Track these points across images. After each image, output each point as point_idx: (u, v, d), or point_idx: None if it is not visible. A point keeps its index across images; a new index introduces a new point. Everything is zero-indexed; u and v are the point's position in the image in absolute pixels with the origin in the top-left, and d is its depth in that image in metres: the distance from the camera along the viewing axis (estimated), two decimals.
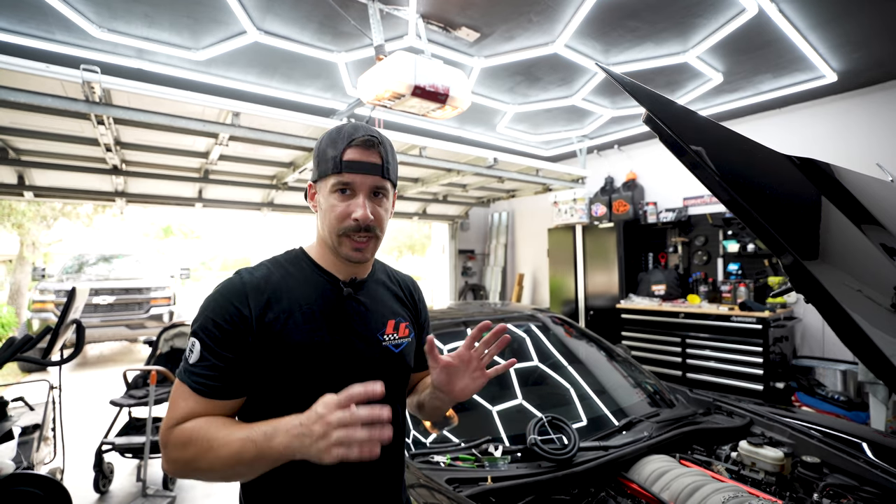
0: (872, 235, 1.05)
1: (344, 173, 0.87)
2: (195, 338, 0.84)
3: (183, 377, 0.83)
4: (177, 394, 0.84)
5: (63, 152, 3.71)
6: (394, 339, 0.98)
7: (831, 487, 1.47)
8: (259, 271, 0.91)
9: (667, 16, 3.11)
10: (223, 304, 0.84)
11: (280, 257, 0.98)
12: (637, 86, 0.95)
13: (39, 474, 2.03)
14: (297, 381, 0.86)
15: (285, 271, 0.93)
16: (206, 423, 0.79)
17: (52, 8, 2.83)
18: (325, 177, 0.90)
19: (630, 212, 5.89)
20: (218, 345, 0.82)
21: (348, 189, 0.88)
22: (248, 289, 0.86)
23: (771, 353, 4.27)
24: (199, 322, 0.85)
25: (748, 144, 1.08)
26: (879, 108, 4.26)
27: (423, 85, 2.56)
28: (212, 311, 0.85)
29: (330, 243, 0.92)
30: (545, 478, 1.42)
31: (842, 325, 0.82)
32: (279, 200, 5.45)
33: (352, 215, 0.87)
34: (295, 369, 0.86)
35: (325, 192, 0.90)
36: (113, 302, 7.07)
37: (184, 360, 0.85)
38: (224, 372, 0.83)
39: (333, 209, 0.88)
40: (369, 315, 0.96)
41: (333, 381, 0.86)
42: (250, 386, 0.86)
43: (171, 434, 0.80)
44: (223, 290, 0.87)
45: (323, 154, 0.90)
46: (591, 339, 2.54)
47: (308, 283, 0.92)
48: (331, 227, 0.90)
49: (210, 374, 0.82)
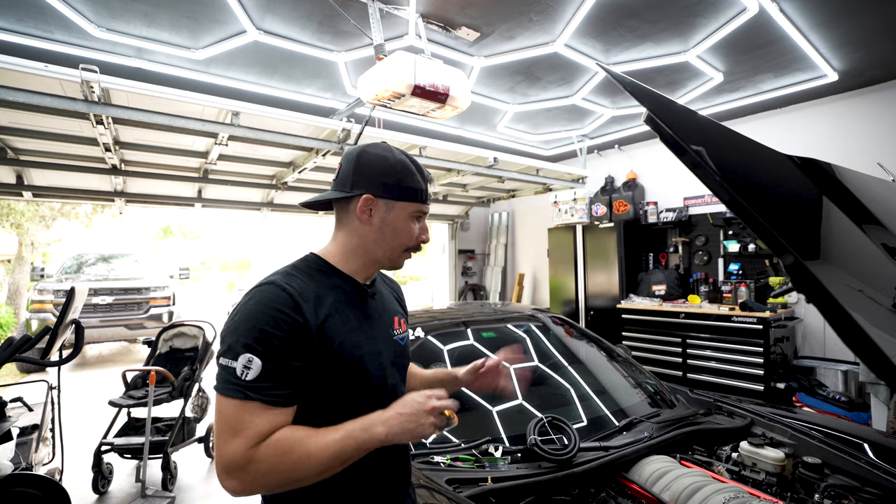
0: (874, 235, 1.05)
1: (426, 204, 1.03)
2: (250, 353, 0.81)
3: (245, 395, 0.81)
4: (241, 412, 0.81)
5: (62, 152, 3.70)
6: (400, 333, 1.09)
7: (832, 488, 1.46)
8: (292, 280, 0.92)
9: (667, 15, 3.10)
10: (274, 315, 0.84)
11: (300, 264, 0.99)
12: (637, 85, 0.95)
13: (38, 475, 2.03)
14: (343, 379, 0.92)
15: (311, 278, 0.95)
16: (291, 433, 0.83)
17: (51, 7, 2.82)
18: (403, 201, 0.99)
19: (630, 212, 5.89)
20: (282, 355, 0.83)
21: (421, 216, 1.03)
22: (296, 297, 0.88)
23: (772, 354, 4.26)
24: (250, 336, 0.82)
25: (749, 144, 1.08)
26: (880, 108, 4.26)
27: (423, 84, 2.56)
28: (265, 322, 0.83)
29: (386, 255, 1.01)
30: (545, 478, 1.41)
31: (843, 325, 0.82)
32: (279, 200, 5.44)
33: (420, 237, 1.03)
34: (342, 368, 0.91)
35: (402, 215, 0.99)
36: (112, 302, 7.06)
37: (232, 379, 0.81)
38: (290, 380, 0.85)
39: (408, 231, 1.01)
40: (384, 314, 1.07)
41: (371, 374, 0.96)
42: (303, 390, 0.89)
43: (256, 453, 0.79)
44: (267, 300, 0.86)
45: (401, 180, 0.98)
46: (592, 340, 2.53)
47: (336, 288, 0.97)
48: (398, 244, 1.00)
49: (279, 384, 0.83)
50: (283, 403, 0.84)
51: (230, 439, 0.80)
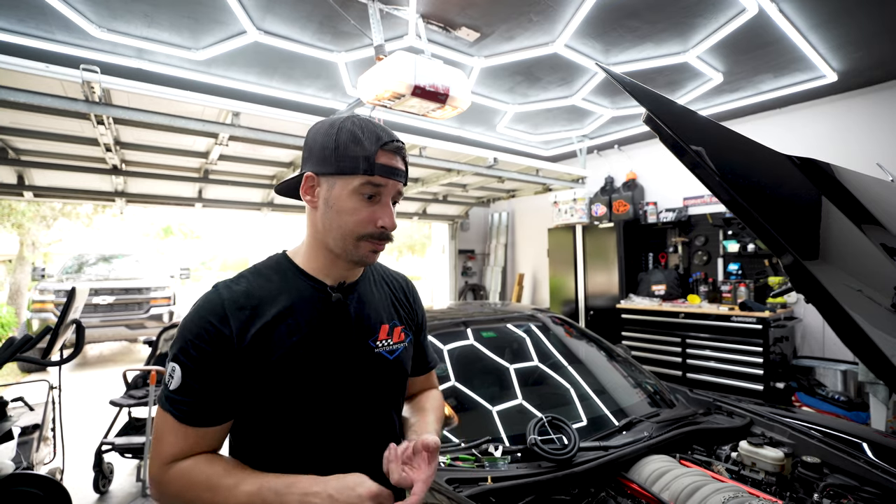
0: (873, 235, 1.05)
1: (376, 176, 0.82)
2: (175, 362, 0.79)
3: (165, 405, 0.78)
4: (162, 424, 0.78)
5: (63, 152, 3.71)
6: (388, 346, 0.94)
7: (832, 488, 1.47)
8: (239, 284, 0.85)
9: (667, 16, 3.11)
10: (201, 325, 0.79)
11: (261, 265, 0.91)
12: (637, 86, 0.95)
13: (39, 474, 2.03)
14: (284, 398, 0.82)
15: (266, 280, 0.87)
16: (207, 467, 0.76)
17: (51, 8, 2.82)
18: (344, 175, 0.82)
19: (630, 212, 5.89)
20: (198, 368, 0.78)
21: (375, 194, 0.83)
22: (227, 305, 0.81)
23: (771, 353, 4.27)
24: (178, 345, 0.79)
25: (748, 144, 1.08)
26: (880, 108, 4.26)
27: (423, 85, 2.56)
28: (190, 332, 0.79)
29: (338, 245, 0.85)
30: (545, 478, 1.42)
31: (842, 325, 0.82)
32: (279, 200, 5.45)
33: (378, 221, 0.84)
34: (281, 386, 0.81)
35: (345, 192, 0.83)
36: (113, 302, 7.06)
37: (164, 386, 0.80)
38: (207, 397, 0.78)
39: (356, 212, 0.83)
40: (360, 321, 0.91)
41: (322, 395, 0.84)
42: (237, 408, 0.82)
43: (165, 473, 0.76)
44: (200, 308, 0.82)
45: (343, 149, 0.81)
46: (591, 339, 2.54)
47: (292, 292, 0.86)
48: (347, 230, 0.83)
49: (193, 401, 0.77)
50: (195, 422, 0.77)
51: (152, 449, 0.79)
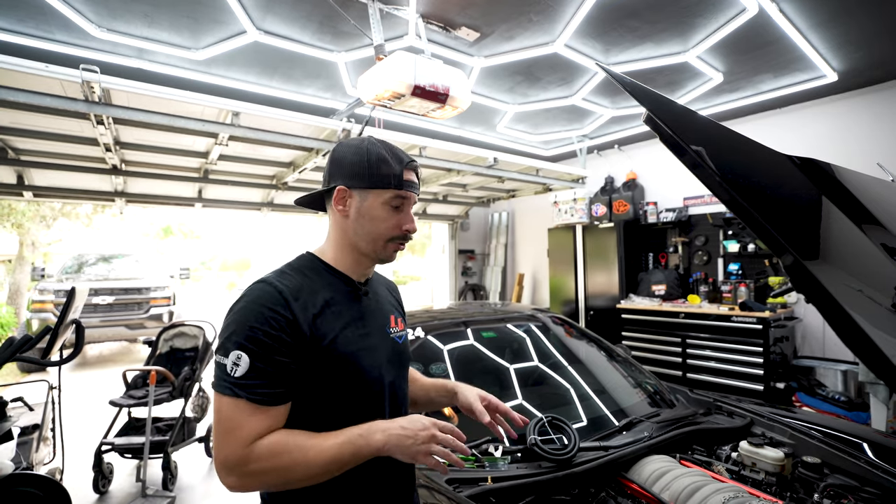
0: (873, 235, 1.05)
1: (404, 190, 0.98)
2: (240, 350, 0.83)
3: (235, 391, 0.82)
4: (233, 411, 0.82)
5: (63, 152, 3.70)
6: (397, 332, 1.08)
7: (832, 488, 1.47)
8: (285, 278, 0.93)
9: (667, 15, 3.11)
10: (264, 312, 0.85)
11: (294, 264, 1.00)
12: (637, 86, 0.95)
13: (39, 474, 2.03)
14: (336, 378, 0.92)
15: (305, 276, 0.96)
16: (289, 435, 0.84)
17: (51, 8, 2.82)
18: (377, 189, 0.97)
19: (630, 212, 5.89)
20: (270, 352, 0.84)
21: (401, 204, 0.99)
22: (286, 294, 0.89)
23: (771, 354, 4.27)
24: (240, 334, 0.84)
25: (749, 144, 1.08)
26: (880, 108, 4.26)
27: (423, 85, 2.56)
28: (254, 320, 0.85)
29: (369, 246, 0.99)
30: (545, 478, 1.42)
31: (842, 325, 0.82)
32: (279, 200, 5.45)
33: (404, 226, 1.00)
34: (333, 366, 0.91)
35: (377, 203, 0.98)
36: (112, 302, 7.06)
37: (223, 376, 0.83)
38: (280, 378, 0.85)
39: (387, 220, 0.98)
40: (378, 311, 1.06)
41: (366, 371, 0.95)
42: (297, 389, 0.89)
43: (252, 451, 0.80)
44: (258, 298, 0.88)
45: (375, 168, 0.97)
46: (591, 339, 2.54)
47: (328, 287, 0.98)
48: (378, 234, 0.99)
49: (267, 383, 0.83)
50: (271, 402, 0.84)
51: (225, 437, 0.82)
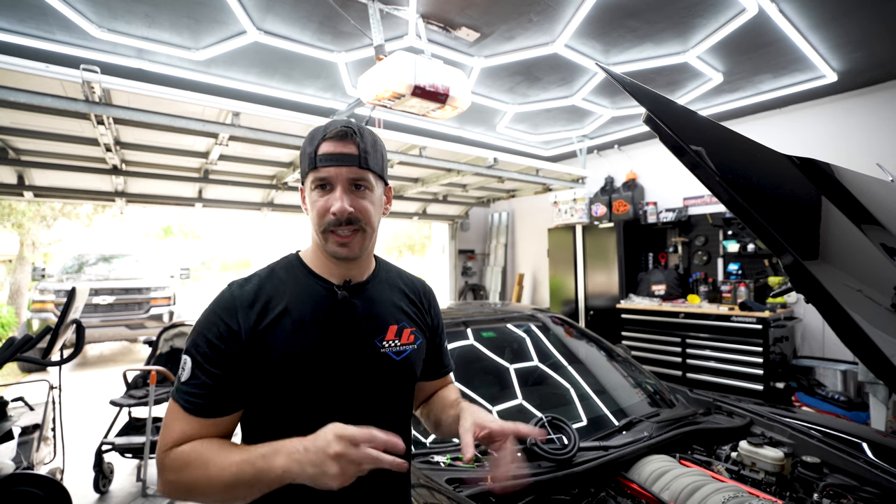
0: (872, 235, 1.05)
1: (319, 168, 0.86)
2: (187, 355, 0.84)
3: (175, 396, 0.83)
4: (170, 414, 0.83)
5: (63, 152, 3.71)
6: (394, 346, 0.95)
7: (831, 487, 1.47)
8: (251, 283, 0.90)
9: (667, 16, 3.11)
10: (213, 321, 0.85)
11: (275, 264, 0.96)
12: (637, 86, 0.95)
13: (39, 474, 2.03)
14: (288, 393, 0.85)
15: (278, 279, 0.92)
16: (202, 446, 0.79)
17: (51, 8, 2.82)
18: (305, 175, 0.90)
19: (630, 212, 5.89)
20: (207, 362, 0.82)
21: (327, 184, 0.87)
22: (238, 303, 0.86)
23: (771, 353, 4.27)
24: (191, 339, 0.85)
25: (748, 144, 1.08)
26: (880, 108, 4.26)
27: (423, 85, 2.56)
28: (203, 327, 0.85)
29: (318, 242, 0.91)
30: (545, 478, 1.42)
31: (842, 325, 0.82)
32: (279, 200, 5.45)
33: (330, 209, 0.86)
34: (284, 381, 0.85)
35: (308, 191, 0.90)
36: (113, 302, 7.06)
37: (177, 379, 0.85)
38: (214, 389, 0.82)
39: (314, 206, 0.88)
40: (367, 320, 0.93)
41: (325, 392, 0.87)
42: (243, 401, 0.86)
43: (167, 457, 0.80)
44: (214, 305, 0.87)
45: (302, 153, 0.91)
46: (591, 339, 2.54)
47: (301, 290, 0.91)
48: (314, 225, 0.89)
49: (200, 393, 0.81)
50: (199, 413, 0.81)
51: (160, 437, 0.83)
